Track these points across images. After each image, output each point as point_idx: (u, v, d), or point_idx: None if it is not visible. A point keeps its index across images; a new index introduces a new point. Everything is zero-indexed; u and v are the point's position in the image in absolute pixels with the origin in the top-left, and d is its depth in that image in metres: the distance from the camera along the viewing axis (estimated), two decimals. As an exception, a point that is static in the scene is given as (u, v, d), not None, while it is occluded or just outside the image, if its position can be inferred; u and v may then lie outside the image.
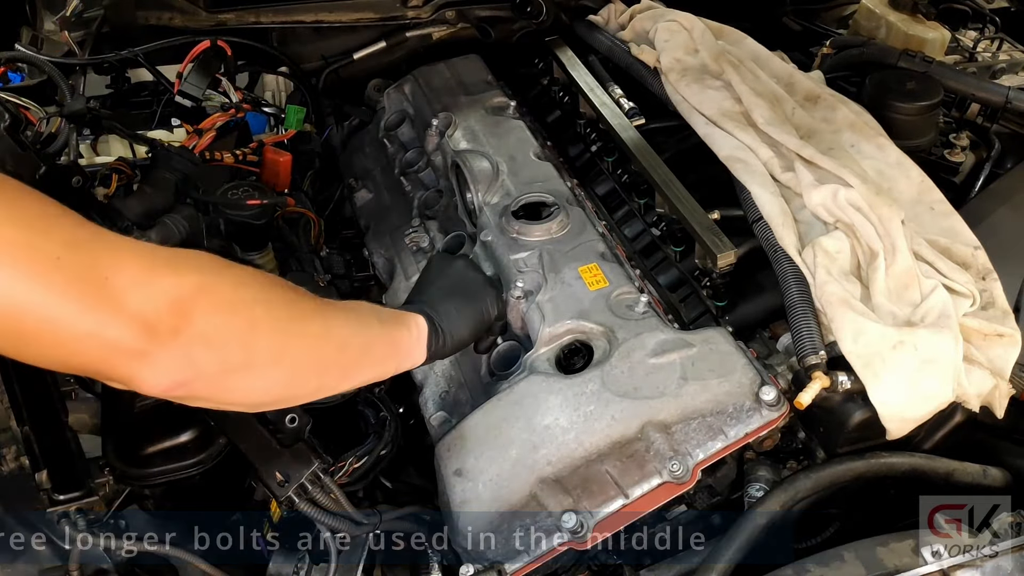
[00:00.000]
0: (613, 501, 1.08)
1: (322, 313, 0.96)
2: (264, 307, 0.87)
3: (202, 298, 0.79)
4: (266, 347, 0.86)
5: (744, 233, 1.31)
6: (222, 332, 0.81)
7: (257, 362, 0.86)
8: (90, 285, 0.72)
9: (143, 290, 0.74)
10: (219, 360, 0.81)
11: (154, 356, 0.76)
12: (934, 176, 1.39)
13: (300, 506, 1.07)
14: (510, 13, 2.02)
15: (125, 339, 0.73)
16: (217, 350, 0.80)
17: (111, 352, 0.74)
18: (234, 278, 0.86)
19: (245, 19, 1.85)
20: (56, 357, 0.76)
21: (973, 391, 1.11)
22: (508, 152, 1.55)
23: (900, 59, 1.70)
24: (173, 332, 0.76)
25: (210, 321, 0.79)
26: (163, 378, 0.78)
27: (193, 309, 0.77)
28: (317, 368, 0.95)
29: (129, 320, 0.73)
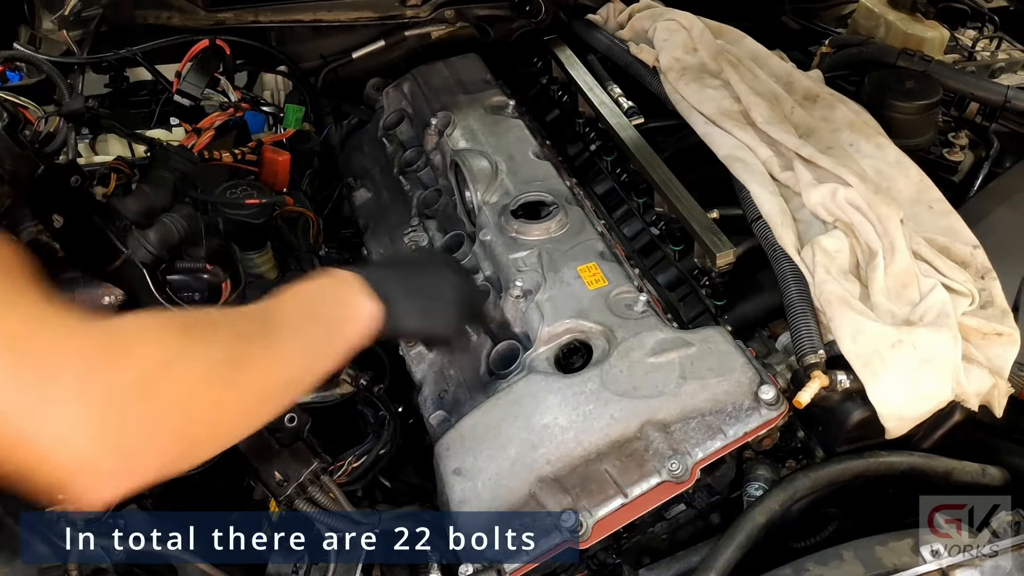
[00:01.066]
0: (612, 500, 1.08)
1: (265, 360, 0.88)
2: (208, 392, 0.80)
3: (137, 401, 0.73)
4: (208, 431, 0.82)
5: (743, 232, 1.31)
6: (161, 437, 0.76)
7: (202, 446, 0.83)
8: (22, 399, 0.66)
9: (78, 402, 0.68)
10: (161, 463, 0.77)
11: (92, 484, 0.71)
12: (933, 175, 1.39)
13: (299, 505, 1.07)
14: (509, 12, 2.02)
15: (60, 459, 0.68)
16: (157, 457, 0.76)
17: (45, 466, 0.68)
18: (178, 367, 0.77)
19: (244, 18, 1.85)
20: None
21: (972, 390, 1.11)
22: (507, 151, 1.55)
23: (899, 58, 1.70)
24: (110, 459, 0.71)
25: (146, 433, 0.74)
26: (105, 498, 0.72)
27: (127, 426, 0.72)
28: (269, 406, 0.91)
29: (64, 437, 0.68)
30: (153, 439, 0.75)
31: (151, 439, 0.75)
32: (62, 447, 0.68)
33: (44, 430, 0.67)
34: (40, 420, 0.67)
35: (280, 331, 0.92)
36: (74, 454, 0.69)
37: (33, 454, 0.68)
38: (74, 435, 0.68)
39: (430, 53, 1.96)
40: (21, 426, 0.66)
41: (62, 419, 0.68)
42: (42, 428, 0.67)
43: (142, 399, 0.73)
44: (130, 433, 0.72)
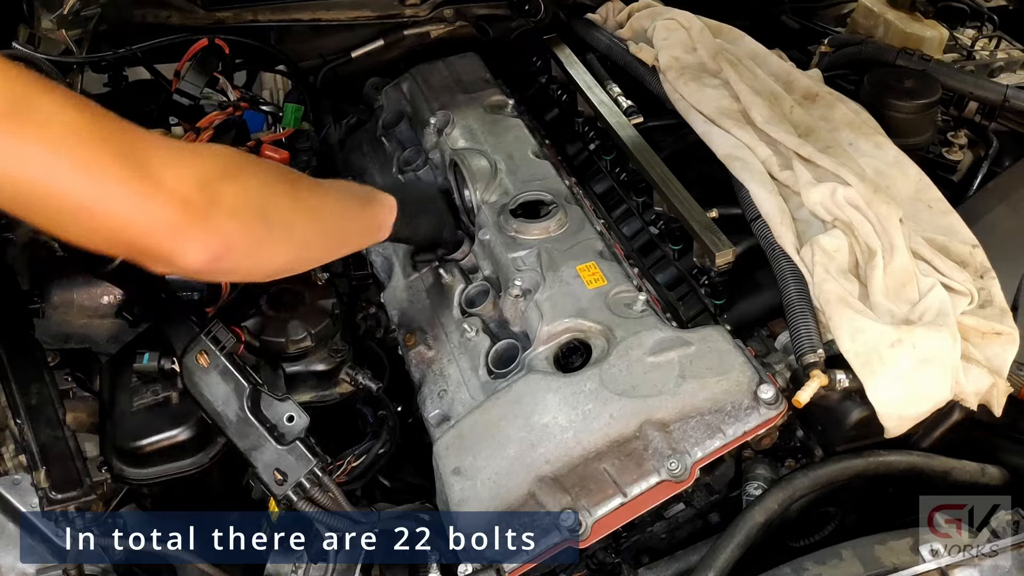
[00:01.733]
0: (611, 500, 1.08)
1: (317, 190, 1.13)
2: (273, 187, 1.00)
3: (225, 180, 0.89)
4: (279, 221, 0.98)
5: (742, 231, 1.31)
6: (245, 209, 0.92)
7: (274, 234, 0.98)
8: (133, 164, 0.81)
9: (176, 171, 0.84)
10: (245, 232, 0.92)
11: (191, 232, 0.85)
12: (932, 174, 1.39)
13: (298, 505, 1.07)
14: (508, 11, 2.02)
15: (165, 215, 0.83)
16: (243, 224, 0.91)
17: (152, 228, 0.83)
18: (247, 164, 1.00)
19: (243, 17, 1.85)
20: (98, 234, 0.84)
21: (971, 389, 1.11)
22: (506, 150, 1.55)
23: (898, 57, 1.70)
24: (205, 208, 0.86)
25: (234, 199, 0.90)
26: (202, 251, 0.87)
27: (219, 189, 0.88)
28: (319, 237, 1.10)
29: (168, 197, 0.83)
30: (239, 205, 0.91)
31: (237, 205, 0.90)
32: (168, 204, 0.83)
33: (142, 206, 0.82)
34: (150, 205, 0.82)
35: (327, 189, 1.17)
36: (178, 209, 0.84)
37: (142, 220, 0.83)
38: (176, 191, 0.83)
39: (429, 52, 1.96)
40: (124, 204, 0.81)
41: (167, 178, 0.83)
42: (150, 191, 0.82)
43: (228, 172, 0.91)
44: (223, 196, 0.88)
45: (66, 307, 1.35)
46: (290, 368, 1.32)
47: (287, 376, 1.31)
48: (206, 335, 1.16)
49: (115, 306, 1.34)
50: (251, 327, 1.30)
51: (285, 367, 1.31)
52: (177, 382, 1.19)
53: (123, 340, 1.33)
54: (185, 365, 1.17)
